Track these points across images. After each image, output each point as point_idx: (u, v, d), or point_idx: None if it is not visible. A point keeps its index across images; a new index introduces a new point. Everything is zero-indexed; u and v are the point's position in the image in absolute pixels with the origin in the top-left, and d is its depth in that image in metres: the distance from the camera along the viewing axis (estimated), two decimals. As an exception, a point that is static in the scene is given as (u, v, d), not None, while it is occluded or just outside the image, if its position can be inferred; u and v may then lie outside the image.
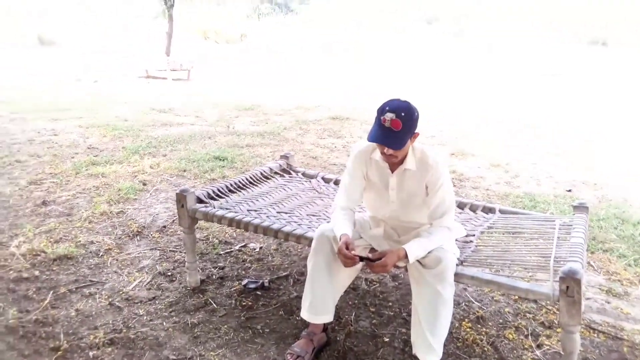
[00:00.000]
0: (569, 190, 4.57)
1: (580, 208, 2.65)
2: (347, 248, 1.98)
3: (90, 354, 2.16)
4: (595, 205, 4.14)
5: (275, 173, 3.32)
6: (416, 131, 2.00)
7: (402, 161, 2.09)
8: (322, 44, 24.10)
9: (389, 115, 1.91)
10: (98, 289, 2.69)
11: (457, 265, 2.07)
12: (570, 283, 1.82)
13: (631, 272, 3.03)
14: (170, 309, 2.51)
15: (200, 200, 2.69)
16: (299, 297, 2.41)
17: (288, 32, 26.40)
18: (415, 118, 1.96)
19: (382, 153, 2.04)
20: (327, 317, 2.16)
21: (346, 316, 2.47)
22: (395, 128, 1.91)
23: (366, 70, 16.94)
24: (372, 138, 1.98)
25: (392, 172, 2.13)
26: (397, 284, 2.82)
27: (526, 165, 5.39)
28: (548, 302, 2.59)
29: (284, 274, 2.90)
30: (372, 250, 2.24)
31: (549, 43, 23.95)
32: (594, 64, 18.47)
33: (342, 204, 2.22)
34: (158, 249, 3.18)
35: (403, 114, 1.91)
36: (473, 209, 2.86)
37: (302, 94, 10.90)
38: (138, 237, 3.34)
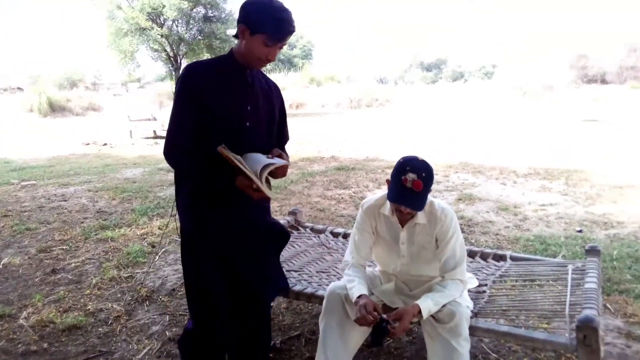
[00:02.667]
0: (580, 231, 4.52)
1: (592, 252, 2.62)
2: (374, 310, 1.94)
3: None
4: (607, 245, 4.07)
5: (283, 230, 3.32)
6: None
7: (413, 215, 2.09)
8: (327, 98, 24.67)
9: (411, 176, 1.90)
10: (107, 359, 2.65)
11: (471, 317, 2.03)
12: (587, 332, 1.78)
13: (650, 313, 2.95)
14: (181, 377, 2.45)
15: (208, 263, 2.68)
16: (311, 359, 2.35)
17: (291, 88, 27.08)
18: (433, 176, 1.97)
19: (398, 210, 2.04)
20: (342, 379, 2.10)
21: (361, 376, 2.40)
22: (416, 189, 1.90)
23: (372, 120, 17.21)
24: (394, 199, 1.97)
25: (402, 226, 2.13)
26: (411, 338, 2.75)
27: (535, 207, 5.36)
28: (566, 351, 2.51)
29: (296, 333, 2.85)
30: (385, 306, 2.21)
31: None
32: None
33: (353, 261, 2.21)
34: (167, 314, 3.14)
35: (424, 175, 1.91)
36: (484, 257, 2.83)
37: (310, 146, 11.04)
38: (147, 302, 3.31)
